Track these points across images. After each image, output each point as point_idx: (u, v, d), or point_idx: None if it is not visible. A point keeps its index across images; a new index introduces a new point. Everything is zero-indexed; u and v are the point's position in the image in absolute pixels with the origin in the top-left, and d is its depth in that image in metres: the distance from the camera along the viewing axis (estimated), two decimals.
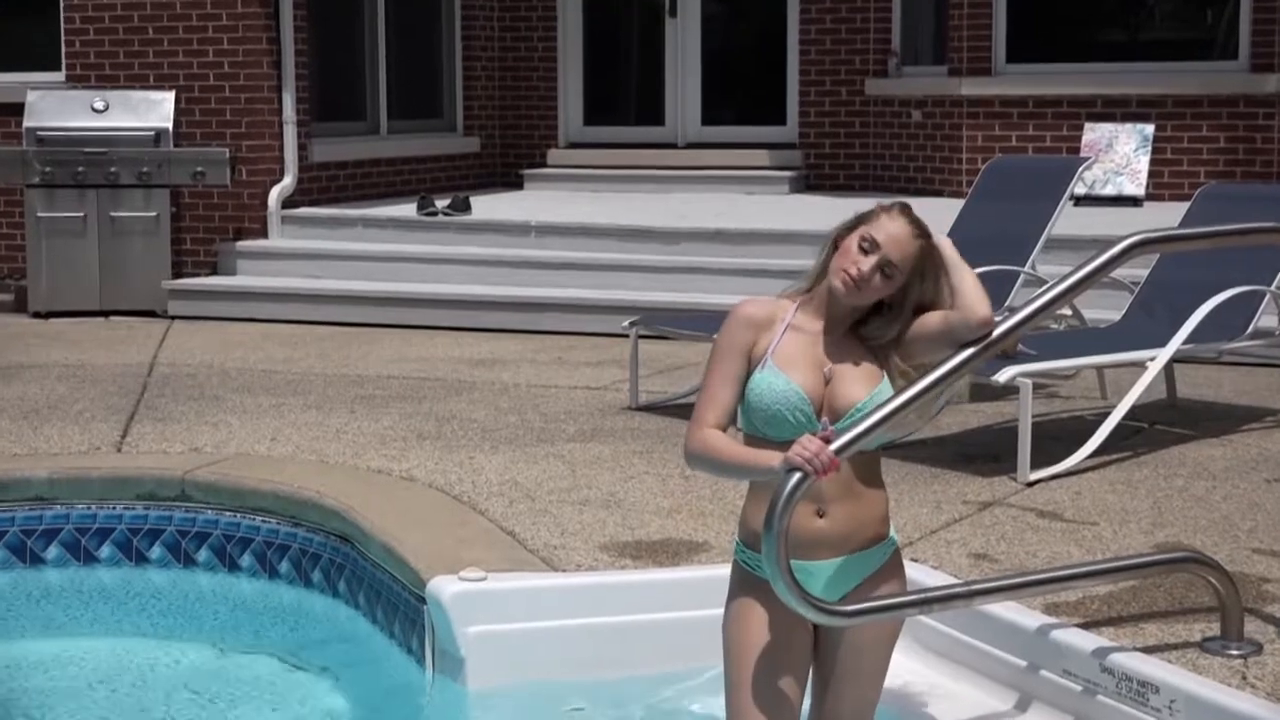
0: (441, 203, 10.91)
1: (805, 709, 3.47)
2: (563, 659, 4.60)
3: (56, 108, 10.57)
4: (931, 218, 3.63)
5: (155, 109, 10.54)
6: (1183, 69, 11.11)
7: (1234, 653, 4.02)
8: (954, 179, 11.25)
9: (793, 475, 3.18)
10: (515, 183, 12.88)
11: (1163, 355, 6.30)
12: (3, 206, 11.41)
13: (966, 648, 4.43)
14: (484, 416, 7.05)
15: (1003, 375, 5.85)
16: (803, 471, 3.17)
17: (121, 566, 5.87)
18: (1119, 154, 10.70)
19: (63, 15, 11.21)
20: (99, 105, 10.51)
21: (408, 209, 11.03)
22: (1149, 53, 11.51)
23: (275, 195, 10.86)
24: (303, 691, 4.91)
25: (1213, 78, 10.95)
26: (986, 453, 6.29)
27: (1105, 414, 6.31)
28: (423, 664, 4.74)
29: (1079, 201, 10.33)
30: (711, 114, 12.90)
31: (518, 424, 6.89)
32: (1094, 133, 10.85)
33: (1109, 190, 10.67)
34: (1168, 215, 8.19)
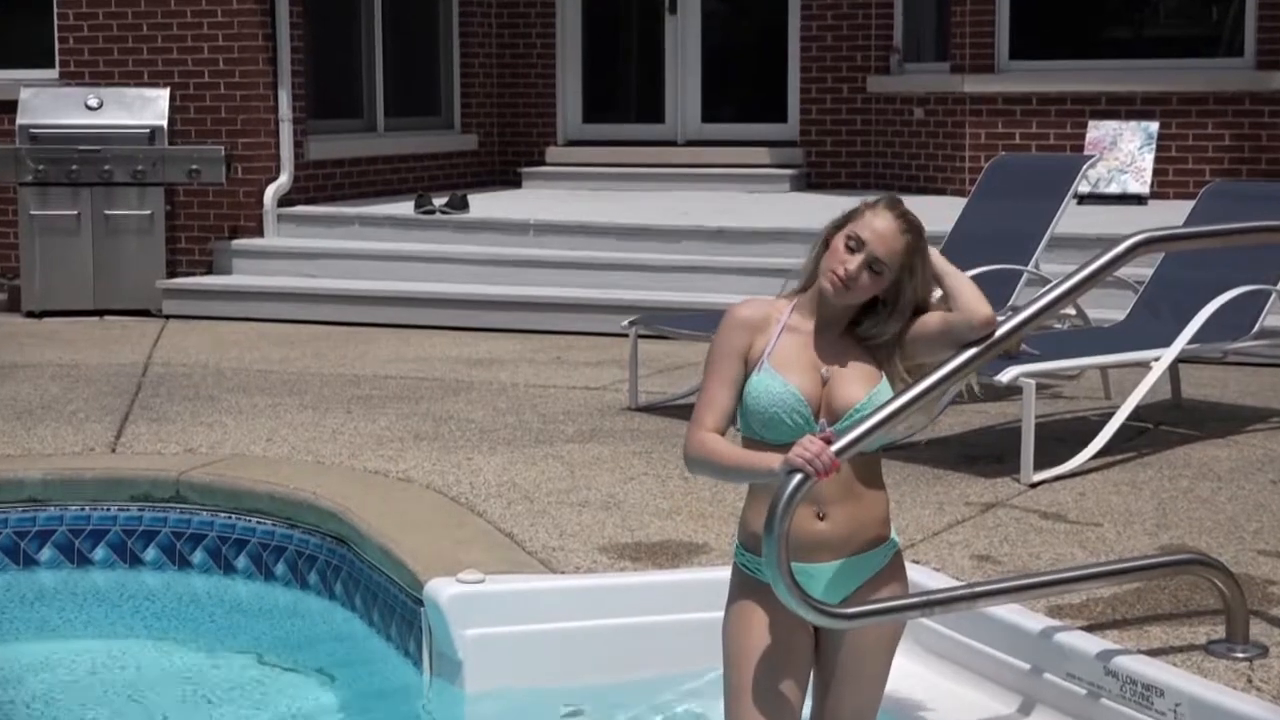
0: (439, 201, 10.89)
1: (806, 713, 3.44)
2: (561, 662, 4.60)
3: (50, 105, 10.55)
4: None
5: (150, 106, 10.52)
6: (1188, 66, 11.09)
7: (1239, 655, 4.01)
8: (956, 177, 11.23)
9: (793, 477, 3.16)
10: (514, 181, 12.86)
11: (1167, 355, 6.29)
12: None
13: (969, 650, 4.42)
14: (482, 417, 7.03)
15: (1006, 375, 5.84)
16: (804, 473, 3.15)
17: (116, 568, 5.86)
18: (1123, 152, 10.69)
19: (56, 11, 11.19)
20: (93, 102, 10.48)
21: (405, 207, 11.02)
22: (1154, 49, 11.50)
23: (271, 193, 10.84)
24: (298, 694, 4.89)
25: (1218, 74, 10.94)
26: (989, 453, 6.29)
27: (1109, 414, 6.29)
28: (420, 667, 4.73)
29: (1083, 200, 10.28)
30: (712, 111, 12.89)
31: (516, 424, 6.87)
32: (1098, 130, 10.82)
33: (1113, 188, 10.65)
34: (1172, 214, 8.20)
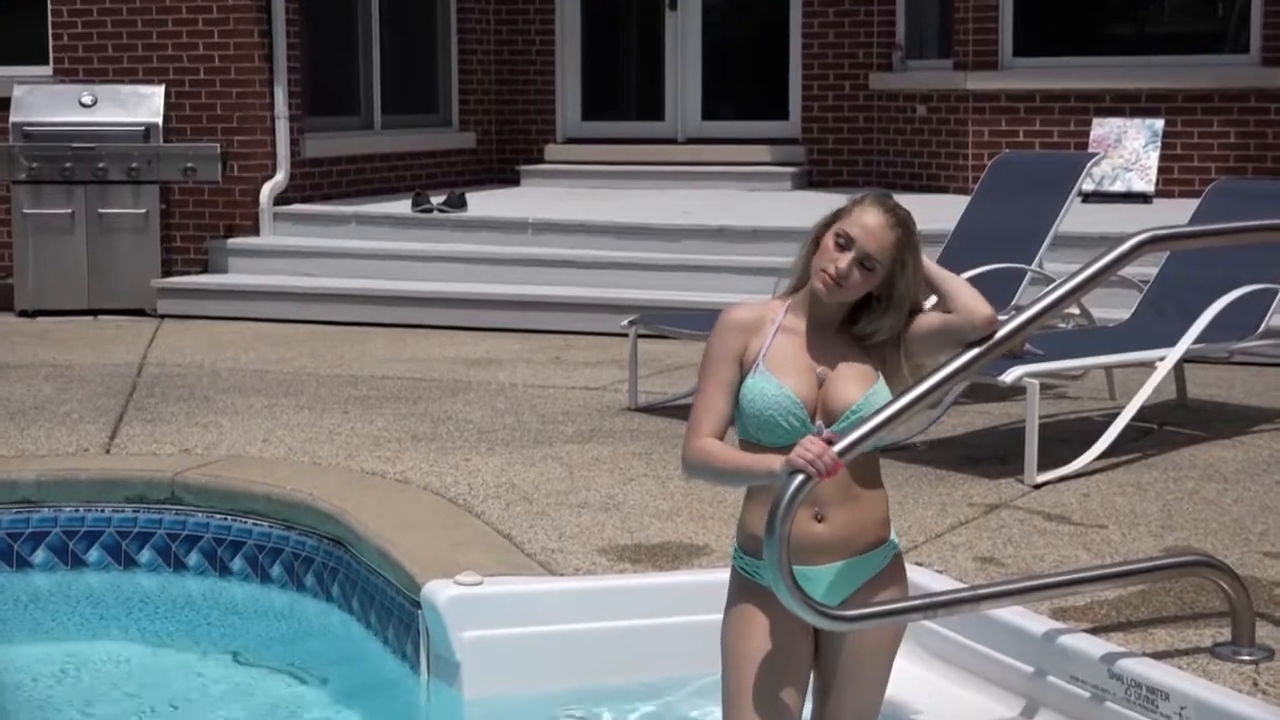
0: (437, 199, 10.88)
1: (805, 716, 3.43)
2: (561, 665, 4.60)
3: (44, 102, 10.53)
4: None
5: (144, 103, 10.49)
6: (1193, 63, 11.08)
7: (1245, 658, 4.00)
8: (959, 175, 11.22)
9: (795, 478, 3.15)
10: (512, 179, 12.85)
11: (1172, 355, 6.28)
12: None
13: (972, 653, 4.41)
14: (480, 417, 7.02)
15: (1009, 375, 5.84)
16: (805, 474, 3.14)
17: (110, 570, 5.84)
18: (1128, 149, 10.67)
19: (50, 7, 11.18)
20: (87, 100, 10.45)
21: (402, 206, 11.01)
22: (1159, 46, 11.49)
23: (267, 191, 10.82)
24: (294, 698, 4.88)
25: (1224, 72, 10.92)
26: (993, 454, 6.28)
27: (1114, 415, 6.29)
28: (418, 670, 4.72)
29: (1087, 198, 10.27)
30: (712, 109, 12.88)
31: (515, 425, 6.86)
32: (1102, 128, 10.81)
33: (1118, 186, 10.64)
34: (1178, 212, 8.19)
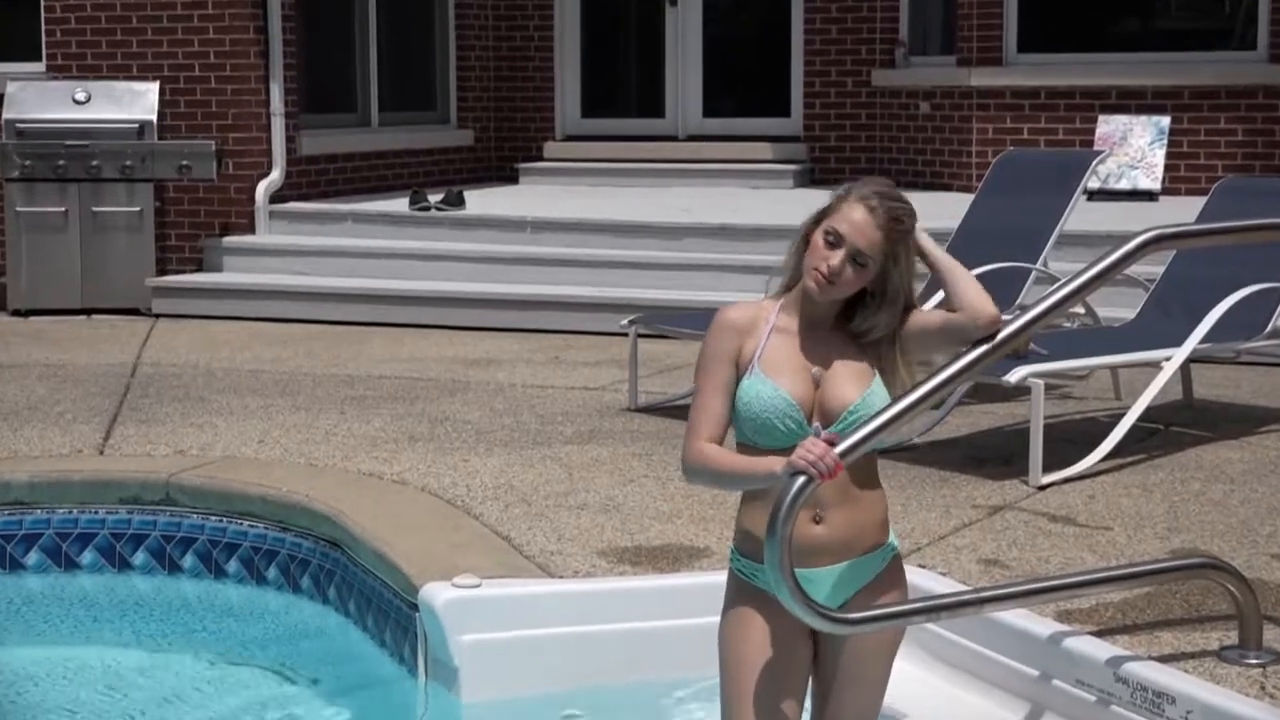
0: (434, 197, 10.86)
1: (805, 718, 3.41)
2: (559, 668, 4.60)
3: (36, 99, 10.52)
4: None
5: (139, 100, 10.47)
6: (1200, 59, 11.06)
7: (1252, 661, 3.99)
8: (963, 173, 11.20)
9: (796, 480, 3.12)
10: (510, 177, 12.83)
11: (1179, 355, 6.27)
12: None
13: (976, 656, 4.40)
14: (478, 418, 7.01)
15: (1014, 375, 5.83)
16: (807, 475, 3.11)
17: (104, 572, 5.85)
18: (1134, 147, 10.66)
19: (43, 3, 11.16)
20: (80, 96, 10.43)
21: (399, 204, 11.00)
22: (1165, 43, 11.48)
23: (263, 189, 10.80)
24: (291, 701, 4.89)
25: (1230, 68, 10.91)
26: (997, 455, 6.28)
27: (1119, 415, 6.28)
28: (415, 673, 4.73)
29: (1092, 196, 10.25)
30: (713, 105, 12.87)
31: (513, 425, 6.86)
32: (1108, 125, 10.79)
33: (1123, 184, 10.64)
34: (1184, 210, 8.20)
